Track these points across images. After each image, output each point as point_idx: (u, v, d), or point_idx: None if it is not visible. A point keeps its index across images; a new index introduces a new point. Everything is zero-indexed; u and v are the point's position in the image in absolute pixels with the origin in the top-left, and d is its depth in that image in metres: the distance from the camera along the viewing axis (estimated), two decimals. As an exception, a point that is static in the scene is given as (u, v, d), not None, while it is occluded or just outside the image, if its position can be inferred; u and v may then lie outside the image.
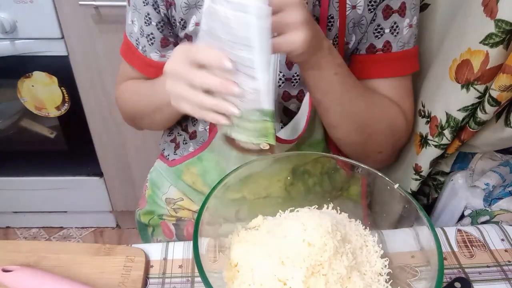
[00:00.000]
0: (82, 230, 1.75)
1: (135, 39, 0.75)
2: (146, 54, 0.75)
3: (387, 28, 0.69)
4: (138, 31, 0.74)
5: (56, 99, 1.33)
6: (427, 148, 0.78)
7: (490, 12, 0.61)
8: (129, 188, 1.55)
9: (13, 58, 1.23)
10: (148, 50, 0.74)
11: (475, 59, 0.65)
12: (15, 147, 1.50)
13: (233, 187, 0.59)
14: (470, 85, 0.67)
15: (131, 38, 0.76)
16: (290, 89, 0.70)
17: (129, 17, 0.75)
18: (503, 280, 0.61)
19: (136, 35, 0.75)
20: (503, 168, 0.81)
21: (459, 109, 0.70)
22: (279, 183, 0.67)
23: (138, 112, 0.79)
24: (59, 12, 1.16)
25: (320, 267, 0.50)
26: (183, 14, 0.68)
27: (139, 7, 0.71)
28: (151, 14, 0.70)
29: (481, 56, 0.64)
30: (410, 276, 0.53)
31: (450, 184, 0.84)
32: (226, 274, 0.53)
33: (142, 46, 0.75)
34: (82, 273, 0.60)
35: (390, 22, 0.69)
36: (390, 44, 0.70)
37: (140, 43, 0.75)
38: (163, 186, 0.86)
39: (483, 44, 0.63)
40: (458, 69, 0.69)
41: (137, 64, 0.77)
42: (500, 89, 0.63)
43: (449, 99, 0.71)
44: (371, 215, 0.65)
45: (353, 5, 0.66)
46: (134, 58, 0.77)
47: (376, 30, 0.69)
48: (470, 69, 0.66)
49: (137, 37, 0.75)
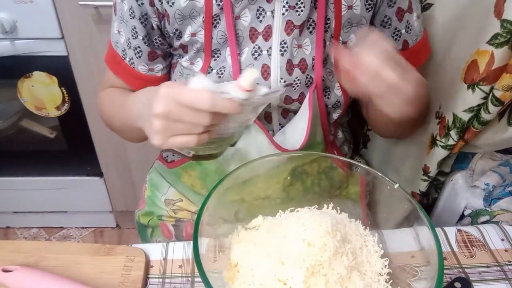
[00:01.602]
0: (82, 230, 1.75)
1: (122, 49, 0.73)
2: (134, 66, 0.73)
3: (403, 29, 0.71)
4: (125, 42, 0.71)
5: (56, 99, 1.33)
6: (435, 148, 0.78)
7: (498, 13, 0.61)
8: (129, 188, 1.55)
9: (13, 58, 1.23)
10: (136, 62, 0.73)
11: (481, 59, 0.65)
12: (15, 147, 1.50)
13: (232, 189, 0.59)
14: (475, 86, 0.67)
15: (117, 48, 0.73)
16: (291, 93, 0.69)
17: (115, 26, 0.72)
18: (503, 280, 0.61)
19: (122, 45, 0.72)
20: (503, 168, 0.81)
21: (464, 110, 0.70)
22: (278, 184, 0.67)
23: (112, 123, 0.77)
24: (59, 12, 1.16)
25: (320, 267, 0.50)
26: (178, 25, 0.67)
27: (126, 19, 0.69)
28: (138, 28, 0.68)
29: (486, 56, 0.64)
30: (410, 276, 0.53)
31: (450, 184, 0.84)
32: (226, 274, 0.53)
33: (130, 58, 0.72)
34: (82, 273, 0.60)
35: (404, 22, 0.71)
36: (407, 41, 0.73)
37: (127, 55, 0.72)
38: (162, 187, 0.86)
39: (489, 44, 0.63)
40: (467, 70, 0.69)
41: (124, 75, 0.75)
42: (503, 89, 0.63)
43: (456, 100, 0.71)
44: (371, 215, 0.65)
45: (349, 6, 0.67)
46: (120, 69, 0.74)
47: (394, 33, 0.71)
48: (476, 69, 0.66)
49: (123, 47, 0.72)
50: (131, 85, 0.75)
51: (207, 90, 0.48)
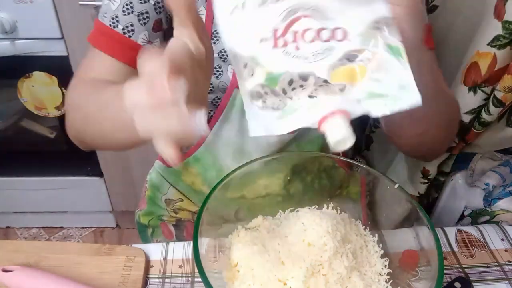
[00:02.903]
0: (82, 230, 1.75)
1: (111, 17, 0.62)
2: (129, 35, 0.62)
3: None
4: (120, 8, 0.62)
5: (56, 99, 1.33)
6: None
7: (498, 14, 0.61)
8: (129, 188, 1.55)
9: (13, 58, 1.23)
10: (137, 31, 0.62)
11: (482, 61, 0.65)
12: (15, 147, 1.50)
13: (233, 187, 0.59)
14: (477, 88, 0.67)
15: (103, 19, 0.63)
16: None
17: None
18: (503, 280, 0.61)
19: (113, 12, 0.62)
20: (503, 168, 0.81)
21: (466, 112, 0.70)
22: (279, 182, 0.67)
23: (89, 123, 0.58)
24: (59, 12, 1.16)
25: (320, 267, 0.50)
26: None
27: None
28: None
29: (488, 58, 0.64)
30: (410, 276, 0.53)
31: (450, 184, 0.84)
32: (226, 274, 0.53)
33: (124, 26, 0.62)
34: (82, 273, 0.60)
35: None
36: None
37: (120, 22, 0.62)
38: (163, 187, 0.86)
39: (490, 46, 0.63)
40: (467, 72, 0.69)
41: (114, 49, 0.62)
42: (505, 90, 0.63)
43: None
44: (371, 215, 0.65)
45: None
46: (109, 43, 0.62)
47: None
48: (478, 71, 0.66)
49: (114, 15, 0.62)
50: (124, 59, 0.62)
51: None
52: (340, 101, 0.38)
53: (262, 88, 0.39)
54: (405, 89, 0.38)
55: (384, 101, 0.38)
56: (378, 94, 0.38)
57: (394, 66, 0.38)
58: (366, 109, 0.38)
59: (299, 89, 0.38)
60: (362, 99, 0.38)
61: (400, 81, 0.38)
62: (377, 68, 0.38)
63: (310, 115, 0.38)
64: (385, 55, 0.38)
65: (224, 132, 0.70)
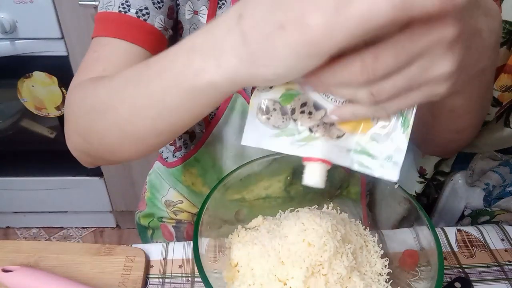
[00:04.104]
0: (82, 230, 1.75)
1: (120, 3, 0.54)
2: (144, 19, 0.54)
3: None
4: None
5: (56, 99, 1.33)
6: None
7: None
8: (129, 188, 1.55)
9: (13, 58, 1.23)
10: (152, 14, 0.55)
11: None
12: (15, 147, 1.51)
13: (233, 188, 0.59)
14: None
15: (108, 8, 0.54)
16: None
17: None
18: (503, 280, 0.61)
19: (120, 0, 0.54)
20: (503, 168, 0.81)
21: None
22: (279, 183, 0.67)
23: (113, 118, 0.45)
24: (59, 12, 1.16)
25: (320, 267, 0.50)
26: None
27: None
28: None
29: None
30: (410, 276, 0.53)
31: (450, 184, 0.84)
32: (226, 274, 0.53)
33: (138, 9, 0.54)
34: (82, 273, 0.60)
35: None
36: None
37: (131, 6, 0.54)
38: (163, 189, 0.86)
39: None
40: None
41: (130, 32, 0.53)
42: (501, 89, 0.63)
43: None
44: (371, 215, 0.65)
45: None
46: (122, 27, 0.53)
47: None
48: None
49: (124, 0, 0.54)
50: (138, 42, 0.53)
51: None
52: (331, 149, 0.39)
53: (273, 104, 0.39)
54: (391, 162, 0.38)
55: (369, 161, 0.39)
56: (369, 153, 0.39)
57: (396, 137, 0.38)
58: (350, 162, 0.40)
59: (306, 116, 0.39)
60: (352, 151, 0.40)
61: (391, 152, 0.38)
62: (381, 130, 0.39)
63: (300, 147, 0.40)
64: (396, 124, 0.38)
65: (224, 135, 0.70)
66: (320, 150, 0.39)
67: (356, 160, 0.40)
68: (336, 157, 0.40)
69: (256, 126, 0.40)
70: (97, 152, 0.51)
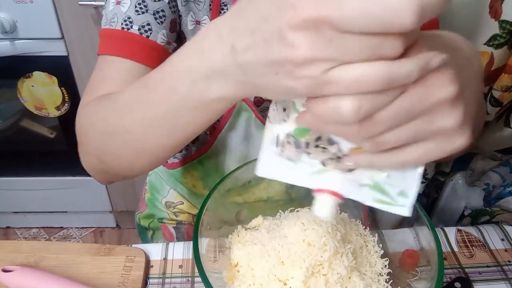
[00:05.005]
0: (82, 230, 1.75)
1: (122, 19, 0.56)
2: (147, 35, 0.56)
3: None
4: (132, 9, 0.56)
5: (56, 99, 1.33)
6: None
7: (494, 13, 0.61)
8: (129, 188, 1.55)
9: (13, 58, 1.23)
10: (155, 29, 0.56)
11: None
12: (15, 147, 1.51)
13: (234, 190, 0.59)
14: None
15: (112, 24, 0.56)
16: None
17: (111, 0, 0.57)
18: (503, 280, 0.61)
19: (124, 15, 0.56)
20: (503, 168, 0.81)
21: None
22: (281, 186, 0.67)
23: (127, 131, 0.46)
24: (59, 12, 1.16)
25: (320, 267, 0.50)
26: (182, 6, 0.59)
27: None
28: None
29: (485, 57, 0.64)
30: (410, 276, 0.53)
31: (450, 184, 0.84)
32: (226, 274, 0.53)
33: (140, 25, 0.56)
34: (82, 273, 0.60)
35: None
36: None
37: (134, 23, 0.56)
38: (163, 190, 0.86)
39: (487, 46, 0.63)
40: None
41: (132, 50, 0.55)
42: (502, 89, 0.63)
43: None
44: (371, 215, 0.65)
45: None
46: (125, 45, 0.55)
47: None
48: None
49: (126, 16, 0.56)
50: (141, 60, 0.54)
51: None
52: (343, 183, 0.39)
53: (287, 137, 0.39)
54: (403, 197, 0.38)
55: (381, 197, 0.39)
56: (381, 189, 0.39)
57: (409, 173, 0.38)
58: (362, 196, 0.39)
59: (320, 150, 0.38)
60: (364, 186, 0.39)
61: (404, 188, 0.38)
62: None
63: (313, 180, 0.40)
64: None
65: (229, 139, 0.70)
66: (332, 182, 0.39)
67: (368, 194, 0.39)
68: (347, 191, 0.39)
69: (270, 157, 0.40)
70: (113, 170, 0.52)
